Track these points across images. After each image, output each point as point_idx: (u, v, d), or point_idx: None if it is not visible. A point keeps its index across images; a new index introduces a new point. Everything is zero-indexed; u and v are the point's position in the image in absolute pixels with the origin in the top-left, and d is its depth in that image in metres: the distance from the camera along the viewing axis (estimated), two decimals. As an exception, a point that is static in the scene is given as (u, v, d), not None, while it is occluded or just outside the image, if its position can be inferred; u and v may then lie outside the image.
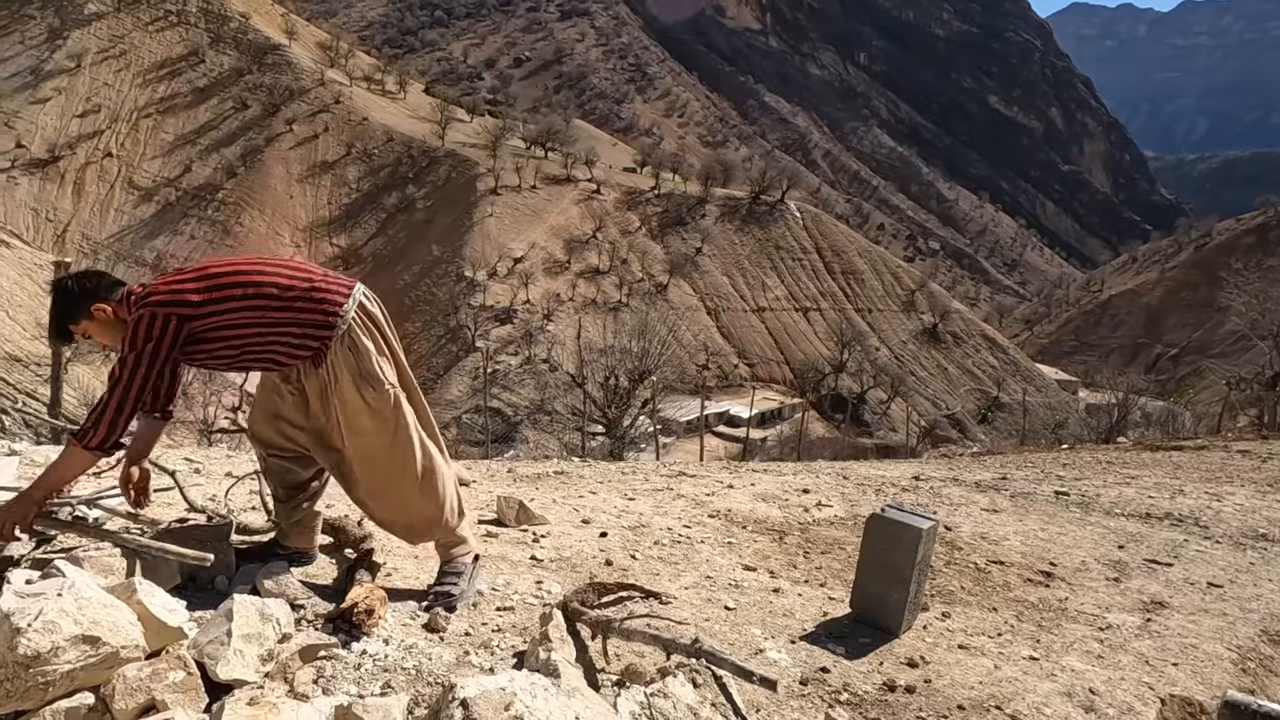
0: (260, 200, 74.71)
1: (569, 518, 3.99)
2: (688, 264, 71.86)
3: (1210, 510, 6.25)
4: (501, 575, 3.05)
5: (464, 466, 5.26)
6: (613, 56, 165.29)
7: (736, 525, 4.29)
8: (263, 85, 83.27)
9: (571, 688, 1.71)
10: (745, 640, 2.80)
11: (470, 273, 65.19)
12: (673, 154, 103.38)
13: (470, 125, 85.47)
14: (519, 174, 73.91)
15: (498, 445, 46.50)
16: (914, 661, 2.81)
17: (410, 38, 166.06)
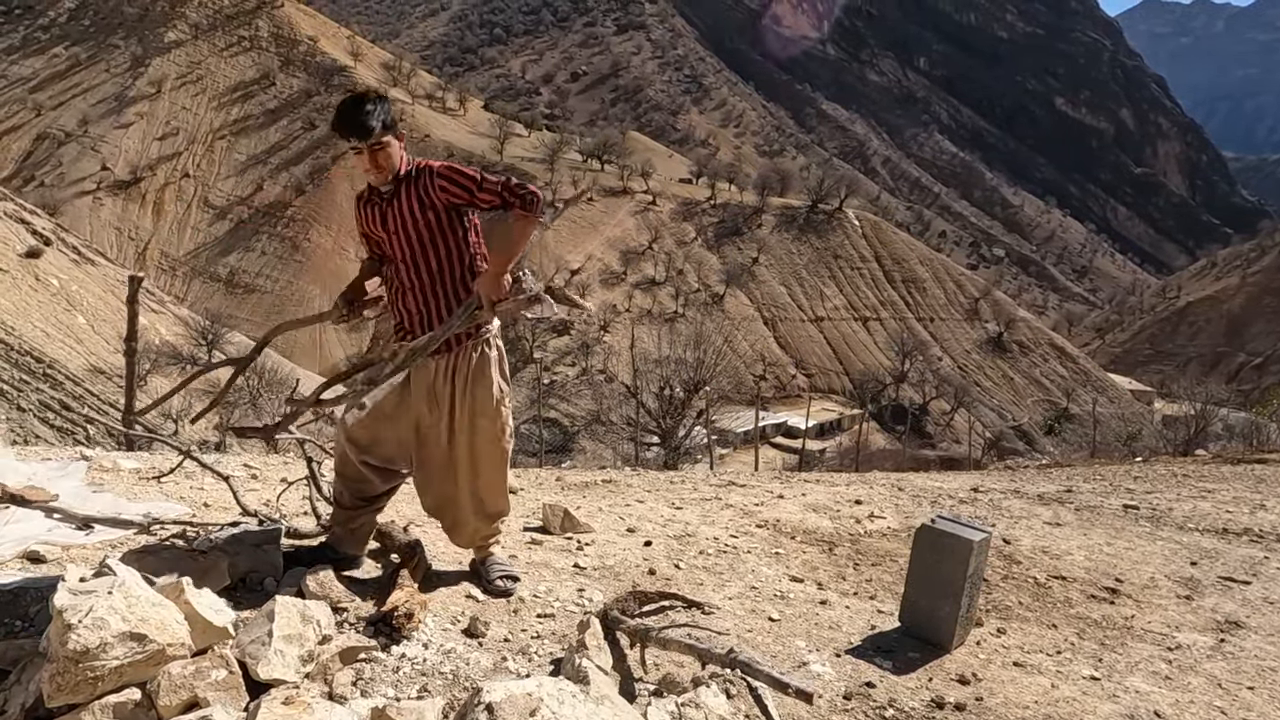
0: (326, 216, 77.08)
1: (614, 526, 3.98)
2: (744, 274, 71.48)
3: (1215, 515, 5.93)
4: (544, 582, 3.05)
5: (513, 474, 5.30)
6: (668, 68, 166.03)
7: (785, 536, 4.22)
8: (330, 106, 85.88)
9: (601, 695, 1.69)
10: (789, 652, 2.75)
11: (530, 285, 65.95)
12: (729, 164, 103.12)
13: (528, 140, 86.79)
14: (575, 186, 74.65)
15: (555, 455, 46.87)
16: (965, 678, 2.71)
17: (470, 56, 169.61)
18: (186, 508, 3.32)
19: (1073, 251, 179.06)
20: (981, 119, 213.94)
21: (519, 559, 3.26)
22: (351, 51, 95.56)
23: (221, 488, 3.36)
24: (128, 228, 74.78)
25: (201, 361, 42.73)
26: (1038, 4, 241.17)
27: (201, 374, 3.15)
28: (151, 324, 40.74)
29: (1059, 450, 49.45)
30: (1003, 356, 72.75)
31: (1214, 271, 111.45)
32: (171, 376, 37.00)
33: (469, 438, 2.76)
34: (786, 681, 2.04)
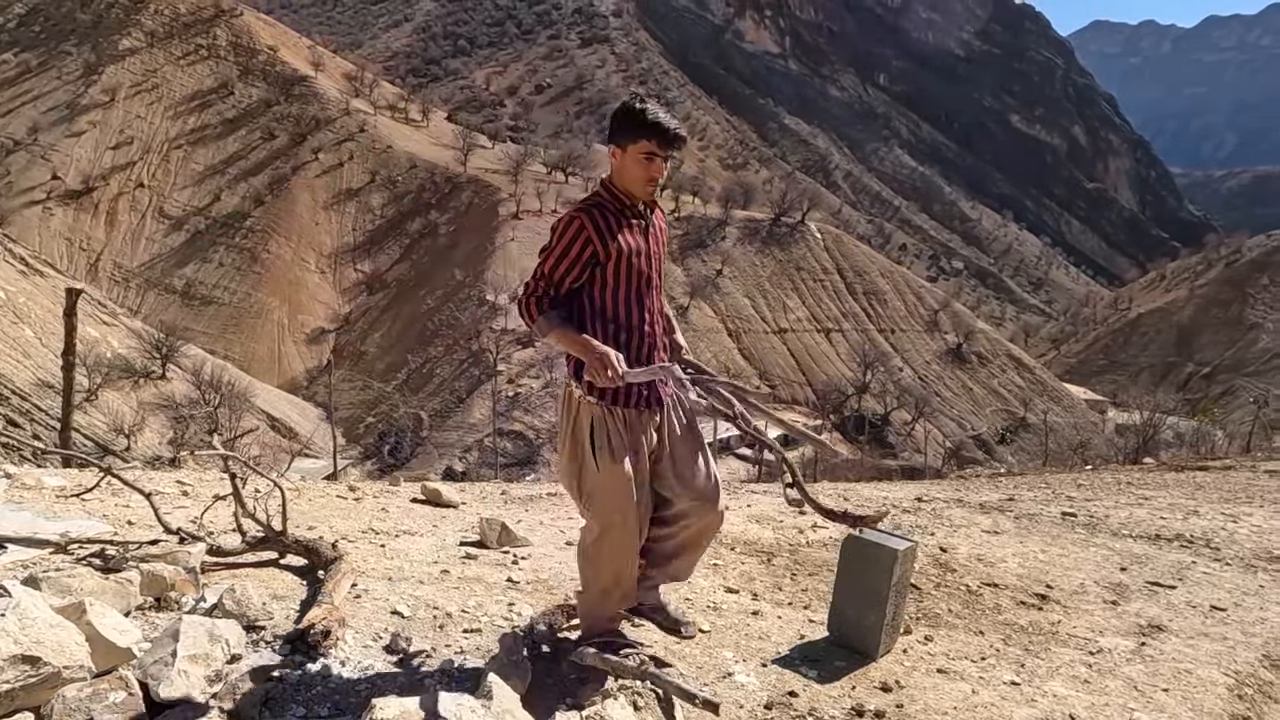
0: (286, 228, 76.01)
1: (554, 539, 3.98)
2: (708, 286, 71.87)
3: (1224, 532, 6.09)
4: (474, 597, 3.04)
5: (458, 488, 5.27)
6: (633, 82, 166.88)
7: (725, 547, 4.25)
8: (290, 115, 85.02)
9: (503, 710, 1.69)
10: (715, 663, 2.77)
11: (492, 297, 65.65)
12: (693, 177, 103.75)
13: (492, 151, 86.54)
14: (540, 199, 74.58)
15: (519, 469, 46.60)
16: (888, 686, 2.75)
17: (434, 67, 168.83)
18: (108, 526, 3.25)
19: (1029, 264, 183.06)
20: (940, 134, 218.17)
21: (451, 574, 3.24)
22: (312, 61, 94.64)
23: (148, 505, 3.29)
24: (79, 238, 72.99)
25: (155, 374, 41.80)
26: (994, 24, 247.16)
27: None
28: (102, 336, 39.69)
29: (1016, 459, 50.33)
30: (962, 367, 74.04)
31: (1163, 284, 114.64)
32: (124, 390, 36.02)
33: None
34: (694, 692, 2.05)
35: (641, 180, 2.49)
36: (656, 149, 2.46)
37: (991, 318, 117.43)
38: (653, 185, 2.51)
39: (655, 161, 2.47)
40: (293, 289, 71.84)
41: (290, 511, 3.86)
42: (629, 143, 2.48)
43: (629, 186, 2.52)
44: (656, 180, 2.52)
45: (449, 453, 53.45)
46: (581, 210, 2.50)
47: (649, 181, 2.50)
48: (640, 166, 2.47)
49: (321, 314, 71.34)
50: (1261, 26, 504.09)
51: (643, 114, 2.46)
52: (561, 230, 2.47)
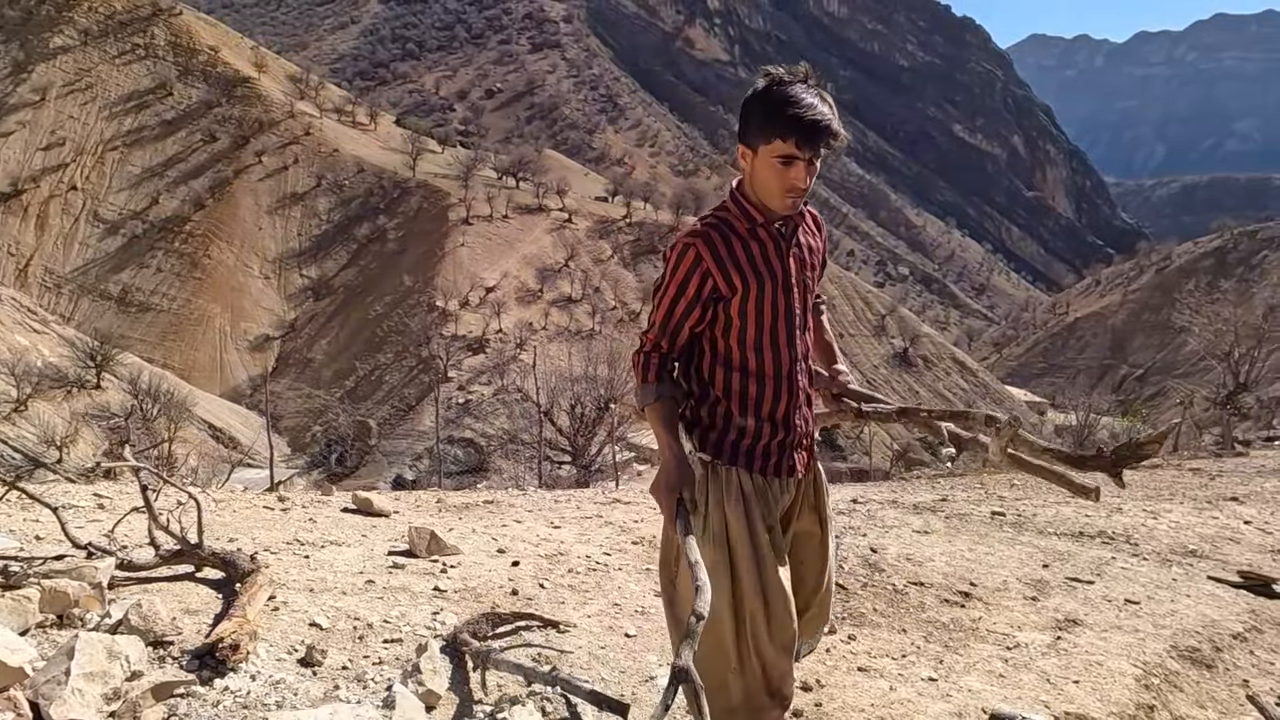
0: (229, 232, 74.16)
1: (485, 547, 3.95)
2: (660, 292, 72.15)
3: (1144, 528, 6.32)
4: (398, 607, 3.00)
5: (393, 496, 5.20)
6: (584, 88, 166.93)
7: (658, 551, 4.27)
8: (232, 118, 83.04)
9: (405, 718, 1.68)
10: (639, 667, 2.78)
11: (442, 303, 64.99)
12: (644, 183, 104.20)
13: (442, 156, 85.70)
14: (491, 204, 74.09)
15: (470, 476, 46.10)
16: (808, 685, 2.80)
17: (382, 70, 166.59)
18: (15, 540, 3.14)
19: (971, 270, 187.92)
20: (886, 143, 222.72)
21: (376, 584, 3.20)
22: (255, 63, 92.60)
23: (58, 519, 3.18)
24: (7, 242, 70.15)
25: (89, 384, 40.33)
26: (936, 35, 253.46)
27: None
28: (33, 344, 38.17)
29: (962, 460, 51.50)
30: (908, 371, 75.64)
31: (1099, 289, 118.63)
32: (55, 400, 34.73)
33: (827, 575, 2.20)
34: (602, 695, 2.07)
35: (778, 191, 1.91)
36: (796, 150, 1.86)
37: (936, 322, 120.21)
38: (794, 196, 1.92)
39: (796, 166, 1.87)
40: (235, 295, 70.08)
41: (212, 524, 3.78)
42: (760, 141, 1.92)
43: (764, 198, 1.96)
44: (799, 190, 1.91)
45: (399, 461, 52.66)
46: (697, 235, 1.95)
47: (787, 191, 1.91)
48: (775, 173, 1.90)
49: (266, 321, 69.72)
50: (1188, 43, 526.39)
51: (776, 103, 1.89)
52: (674, 263, 1.95)
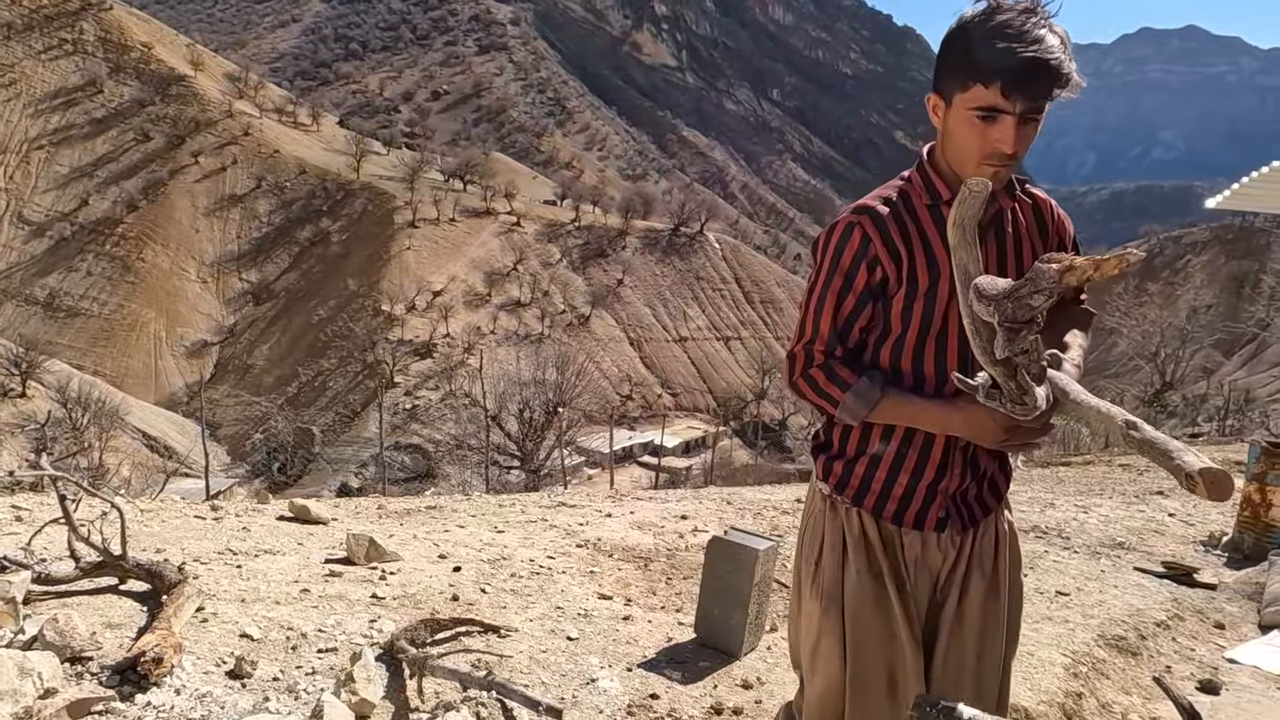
0: (164, 235, 71.85)
1: (426, 553, 3.89)
2: (610, 295, 72.25)
3: (1075, 522, 6.53)
4: (334, 615, 2.94)
5: (332, 504, 5.09)
6: (532, 91, 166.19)
7: (603, 554, 4.27)
8: (166, 117, 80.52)
9: (334, 729, 1.65)
10: (580, 670, 2.77)
11: (388, 307, 63.97)
12: (593, 187, 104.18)
13: (387, 158, 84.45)
14: (437, 207, 73.25)
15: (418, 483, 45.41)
16: (749, 683, 2.82)
17: (324, 70, 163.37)
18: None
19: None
20: (831, 149, 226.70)
21: (312, 593, 3.13)
22: (191, 60, 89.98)
23: (-29, 533, 3.04)
24: (-76, 245, 66.91)
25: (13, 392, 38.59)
26: (878, 44, 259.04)
27: None
28: (-50, 352, 36.39)
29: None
30: (854, 373, 76.95)
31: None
32: (-25, 409, 33.08)
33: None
34: (537, 700, 2.06)
35: (974, 155, 1.44)
36: (1002, 99, 1.37)
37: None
38: (995, 164, 1.44)
39: (1001, 122, 1.40)
40: (171, 299, 67.92)
41: (139, 534, 3.65)
42: (955, 88, 1.43)
43: (958, 165, 1.49)
44: (1003, 155, 1.43)
45: (344, 469, 51.59)
46: (865, 211, 1.51)
47: (986, 158, 1.44)
48: (971, 131, 1.42)
49: (203, 326, 67.73)
50: (1115, 55, 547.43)
51: (981, 36, 1.38)
52: (836, 247, 1.51)
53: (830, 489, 1.58)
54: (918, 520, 1.54)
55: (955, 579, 1.56)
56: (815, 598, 1.57)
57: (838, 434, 1.60)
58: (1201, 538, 6.01)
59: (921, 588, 1.54)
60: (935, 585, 1.56)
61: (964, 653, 1.56)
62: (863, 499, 1.55)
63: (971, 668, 1.57)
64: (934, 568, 1.55)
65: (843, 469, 1.57)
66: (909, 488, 1.53)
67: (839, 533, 1.56)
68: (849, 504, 1.56)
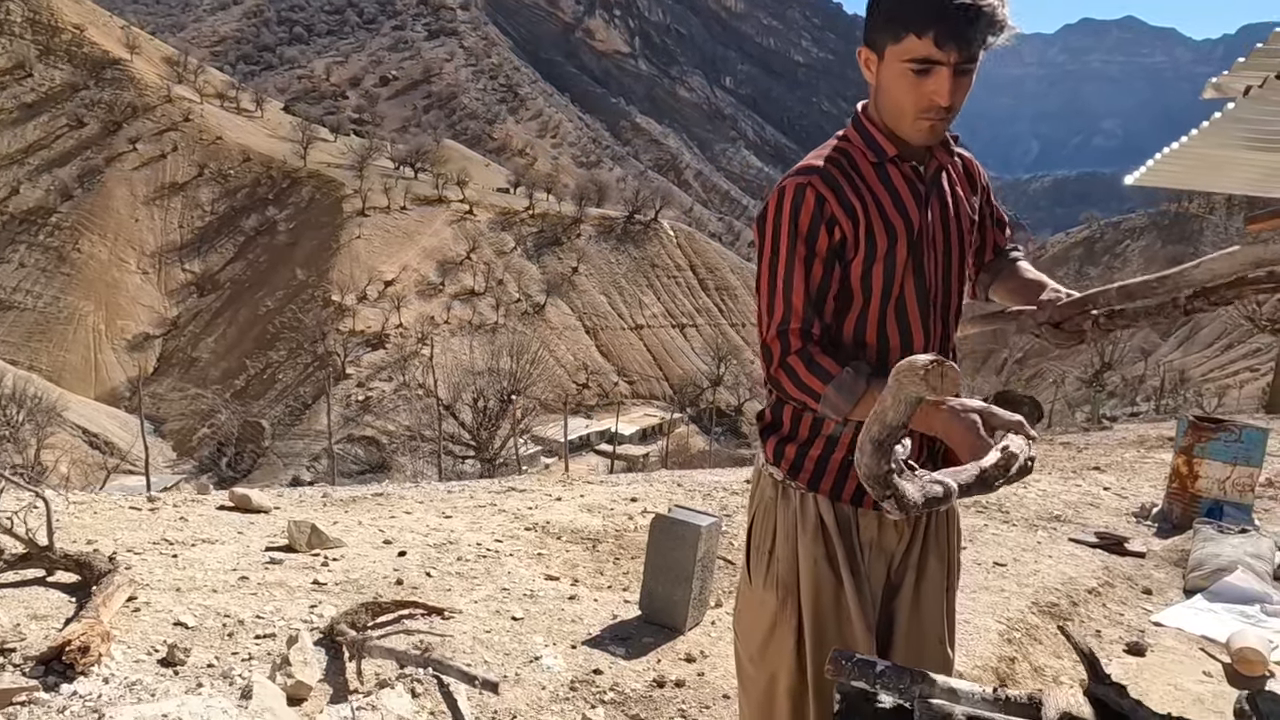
0: (101, 224, 69.43)
1: (371, 539, 3.86)
2: (565, 284, 71.96)
3: (1015, 497, 6.72)
4: (273, 602, 2.90)
5: (275, 493, 5.01)
6: (483, 77, 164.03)
7: (552, 537, 4.27)
8: (101, 101, 77.65)
9: (264, 708, 1.63)
10: (524, 648, 2.78)
11: (338, 297, 62.81)
12: (547, 174, 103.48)
13: (335, 145, 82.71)
14: (388, 195, 72.02)
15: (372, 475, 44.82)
16: (692, 656, 2.86)
17: (268, 54, 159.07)
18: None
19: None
20: (784, 136, 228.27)
21: (250, 580, 3.08)
22: (126, 44, 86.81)
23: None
24: None
25: (-59, 391, 37.15)
26: (829, 32, 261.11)
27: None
28: None
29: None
30: (808, 358, 77.94)
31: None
32: (-101, 409, 31.81)
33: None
34: (473, 675, 2.06)
35: (910, 110, 1.38)
36: (936, 50, 1.30)
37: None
38: (932, 118, 1.38)
39: (936, 75, 1.33)
40: (110, 291, 65.75)
41: (70, 526, 3.55)
42: (887, 39, 1.36)
43: (894, 121, 1.42)
44: (939, 109, 1.37)
45: (295, 463, 50.70)
46: (814, 171, 1.41)
47: (922, 112, 1.37)
48: (906, 85, 1.35)
49: (145, 318, 65.74)
50: (1058, 45, 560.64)
51: None
52: (789, 213, 1.40)
53: (783, 474, 1.49)
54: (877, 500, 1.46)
55: (911, 561, 1.51)
56: (771, 588, 1.49)
57: (788, 414, 1.51)
58: (1134, 510, 6.23)
59: (876, 571, 1.48)
60: (890, 567, 1.50)
61: (923, 637, 1.52)
62: (819, 483, 1.47)
63: (931, 650, 1.53)
64: (889, 549, 1.49)
65: (795, 452, 1.48)
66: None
67: (793, 520, 1.48)
68: (804, 489, 1.47)
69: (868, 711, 1.18)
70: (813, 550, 1.46)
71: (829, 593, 1.45)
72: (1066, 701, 1.03)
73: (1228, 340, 53.18)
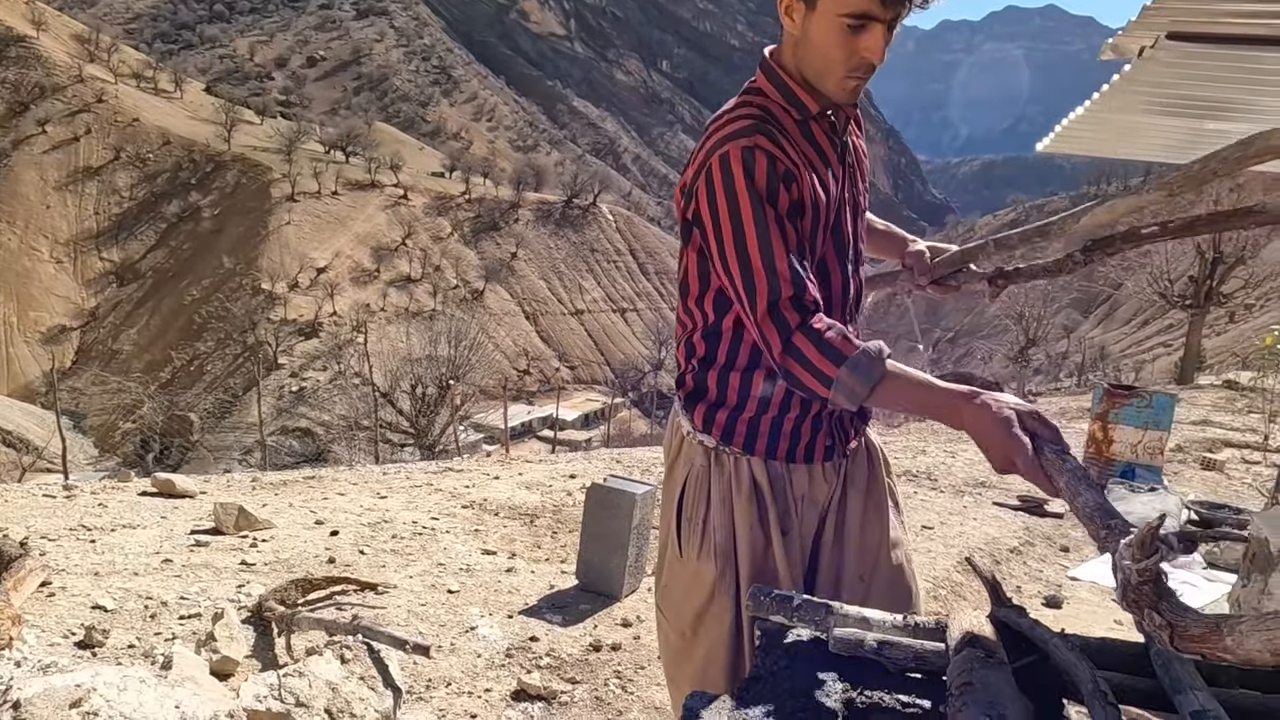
0: (9, 211, 65.84)
1: (302, 520, 3.78)
2: (504, 269, 71.19)
3: (944, 465, 6.96)
4: (198, 584, 2.82)
5: (202, 479, 4.87)
6: (415, 58, 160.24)
7: (489, 513, 4.25)
8: (6, 81, 73.45)
9: (184, 677, 1.60)
10: (459, 620, 2.77)
11: (268, 285, 60.97)
12: (483, 158, 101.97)
13: (261, 128, 79.94)
14: (318, 179, 70.02)
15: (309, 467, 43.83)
16: (629, 621, 2.90)
17: (187, 32, 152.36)
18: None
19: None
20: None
21: (174, 563, 3.00)
22: (32, 19, 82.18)
23: None
24: None
25: None
26: (764, 16, 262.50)
27: None
28: None
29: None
30: (747, 340, 78.87)
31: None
32: None
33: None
34: (404, 639, 2.05)
35: (839, 66, 1.30)
36: (876, 6, 1.24)
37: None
38: (859, 77, 1.32)
39: (871, 31, 1.27)
40: (20, 282, 62.49)
41: (-22, 515, 3.39)
42: None
43: (817, 77, 1.34)
44: (869, 67, 1.31)
45: (226, 456, 49.14)
46: (755, 132, 1.31)
47: (854, 69, 1.31)
48: (839, 40, 1.28)
49: (61, 310, 62.72)
50: (984, 32, 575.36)
51: None
52: (731, 181, 1.29)
53: (715, 440, 1.42)
54: (807, 453, 1.43)
55: (833, 504, 1.48)
56: (708, 558, 1.43)
57: (713, 379, 1.43)
58: (1053, 474, 6.50)
59: (809, 524, 1.45)
60: (822, 519, 1.48)
61: (844, 572, 1.48)
62: (753, 445, 1.41)
63: (850, 585, 1.48)
64: (820, 501, 1.46)
65: (727, 418, 1.42)
66: (798, 421, 1.41)
67: (727, 485, 1.43)
68: (739, 453, 1.42)
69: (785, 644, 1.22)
70: (748, 516, 1.42)
71: (760, 554, 1.43)
72: (970, 622, 1.09)
73: (1144, 317, 55.70)
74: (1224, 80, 1.86)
